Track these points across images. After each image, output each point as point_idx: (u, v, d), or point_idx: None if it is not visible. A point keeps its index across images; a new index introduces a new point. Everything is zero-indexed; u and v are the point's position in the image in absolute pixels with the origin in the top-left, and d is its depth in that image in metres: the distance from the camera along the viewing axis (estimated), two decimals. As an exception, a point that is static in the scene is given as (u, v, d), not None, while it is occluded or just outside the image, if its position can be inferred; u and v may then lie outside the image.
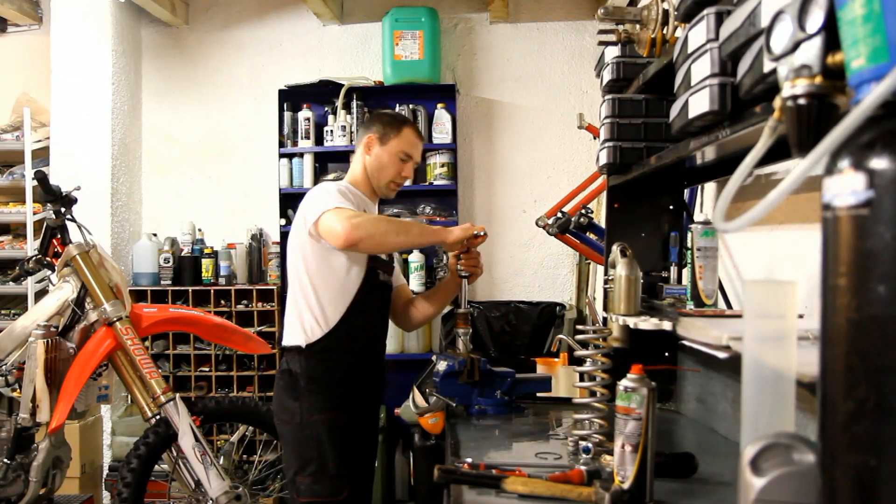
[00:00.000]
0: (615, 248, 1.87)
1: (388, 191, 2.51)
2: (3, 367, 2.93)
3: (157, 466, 2.97)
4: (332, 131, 4.52)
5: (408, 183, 4.64)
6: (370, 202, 2.50)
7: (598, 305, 3.50)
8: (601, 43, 2.20)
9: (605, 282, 1.98)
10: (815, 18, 0.86)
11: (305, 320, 2.32)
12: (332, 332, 2.30)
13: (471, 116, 4.71)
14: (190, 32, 4.87)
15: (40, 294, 4.16)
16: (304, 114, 4.53)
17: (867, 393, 0.70)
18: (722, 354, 1.31)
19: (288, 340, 2.36)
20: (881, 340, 0.69)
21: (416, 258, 4.48)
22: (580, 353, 1.93)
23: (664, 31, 1.73)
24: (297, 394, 2.32)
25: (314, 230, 2.24)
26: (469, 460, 1.72)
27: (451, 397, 2.33)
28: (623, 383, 1.45)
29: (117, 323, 2.89)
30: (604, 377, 1.86)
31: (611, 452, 1.71)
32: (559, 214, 3.44)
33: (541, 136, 4.69)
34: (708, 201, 2.32)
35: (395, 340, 4.34)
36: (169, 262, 4.49)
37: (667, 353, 2.31)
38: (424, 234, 2.43)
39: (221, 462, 2.95)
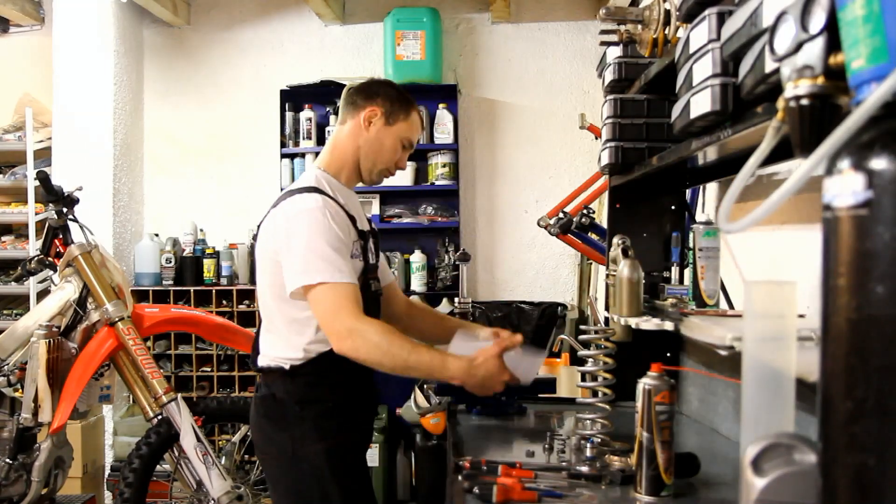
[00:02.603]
0: (616, 243, 1.87)
1: (378, 178, 2.10)
2: (6, 367, 2.93)
3: (158, 466, 2.97)
4: (333, 131, 4.52)
5: (409, 183, 4.65)
6: (349, 191, 2.08)
7: (600, 305, 3.50)
8: (603, 43, 2.20)
9: (607, 276, 1.98)
10: (818, 19, 0.86)
11: (288, 338, 1.94)
12: (319, 357, 1.92)
13: (472, 117, 4.71)
14: (192, 33, 4.87)
15: (42, 294, 4.17)
16: (306, 114, 4.53)
17: (867, 393, 0.70)
18: (724, 352, 1.32)
19: (266, 360, 1.98)
20: (881, 340, 0.69)
21: (417, 258, 4.49)
22: (583, 353, 1.93)
23: (666, 32, 1.73)
24: (284, 423, 1.94)
25: (300, 292, 1.85)
26: (469, 458, 1.72)
27: (448, 396, 2.33)
28: (644, 381, 1.47)
29: (119, 323, 2.89)
30: (606, 377, 1.86)
31: (615, 452, 1.71)
32: (561, 215, 3.44)
33: (542, 136, 4.69)
34: (710, 201, 2.32)
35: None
36: (171, 262, 4.50)
37: (668, 354, 2.31)
38: (429, 374, 1.98)
39: (223, 462, 2.95)
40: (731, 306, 1.97)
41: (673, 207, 2.36)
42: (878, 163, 0.69)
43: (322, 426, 1.94)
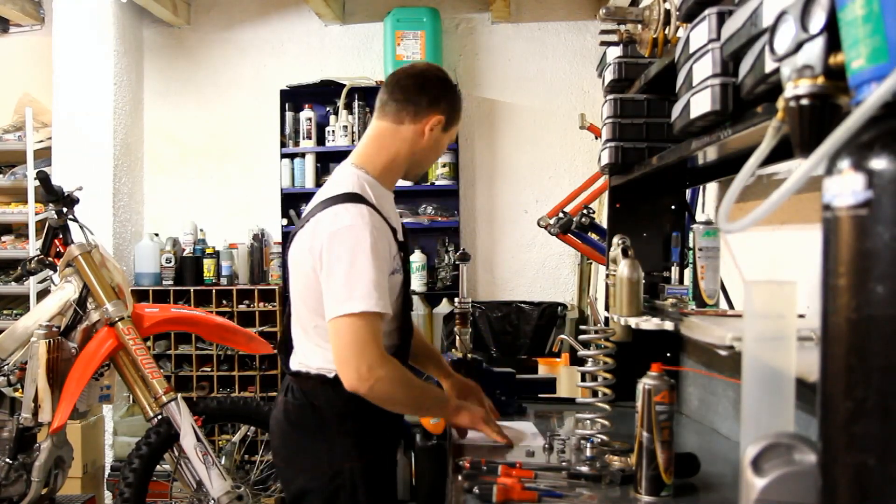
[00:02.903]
0: (616, 243, 1.87)
1: (417, 178, 2.04)
2: (6, 367, 2.93)
3: (158, 466, 2.97)
4: (333, 131, 4.52)
5: (409, 183, 4.66)
6: (389, 195, 1.94)
7: (600, 305, 3.50)
8: (603, 43, 2.20)
9: (607, 276, 1.98)
10: (818, 19, 0.86)
11: (326, 352, 1.78)
12: None
13: (472, 117, 4.71)
14: (192, 33, 4.87)
15: (42, 294, 4.17)
16: (306, 114, 4.53)
17: (867, 393, 0.70)
18: (724, 352, 1.32)
19: (304, 364, 1.85)
20: (881, 340, 0.69)
21: (417, 258, 4.48)
22: (583, 353, 1.93)
23: (666, 32, 1.73)
24: (323, 435, 1.82)
25: (320, 321, 1.77)
26: (469, 458, 1.72)
27: None
28: (644, 381, 1.47)
29: (119, 323, 2.89)
30: (606, 377, 1.86)
31: (615, 452, 1.71)
32: (561, 214, 3.44)
33: (542, 136, 4.69)
34: (710, 201, 2.32)
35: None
36: (171, 262, 4.50)
37: (668, 354, 2.31)
38: (438, 412, 1.97)
39: (223, 462, 2.95)
40: (731, 306, 1.97)
41: (673, 207, 2.36)
42: (878, 163, 0.69)
43: (363, 442, 1.83)
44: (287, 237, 2.97)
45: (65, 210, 3.02)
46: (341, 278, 1.71)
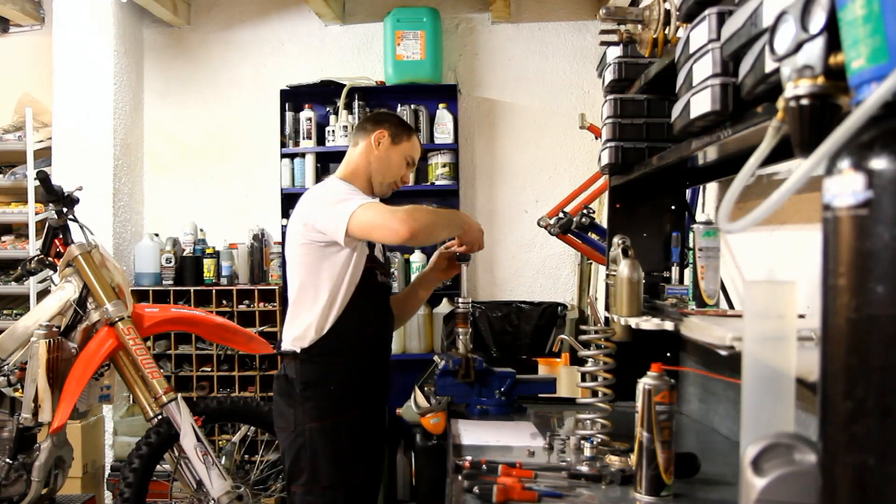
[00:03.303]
0: (617, 243, 1.88)
1: (387, 190, 2.47)
2: (6, 367, 2.93)
3: (158, 466, 2.97)
4: (333, 131, 4.52)
5: (409, 183, 4.67)
6: None
7: (600, 305, 3.50)
8: (603, 43, 2.20)
9: (607, 276, 1.98)
10: (818, 19, 0.86)
11: (302, 324, 2.26)
12: (328, 335, 2.24)
13: (472, 117, 4.71)
14: (192, 32, 4.87)
15: (42, 294, 4.17)
16: (306, 114, 4.53)
17: (867, 393, 0.70)
18: (724, 352, 1.32)
19: (285, 345, 2.31)
20: (881, 340, 0.69)
21: (417, 258, 4.48)
22: (583, 353, 1.93)
23: (666, 32, 1.73)
24: (292, 400, 2.26)
25: (346, 236, 2.15)
26: (469, 458, 1.72)
27: (449, 396, 2.34)
28: (644, 381, 1.47)
29: (119, 323, 2.89)
30: (607, 377, 1.86)
31: (615, 452, 1.71)
32: (561, 214, 3.44)
33: (542, 136, 4.69)
34: (710, 201, 2.32)
35: (396, 341, 4.33)
36: (171, 262, 4.50)
37: (668, 354, 2.31)
38: (456, 223, 2.35)
39: (223, 462, 2.95)
40: (731, 306, 1.97)
41: (673, 207, 2.36)
42: (878, 163, 0.69)
43: (321, 406, 2.24)
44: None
45: (65, 210, 3.02)
46: (332, 202, 2.20)
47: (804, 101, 0.89)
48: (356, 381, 2.29)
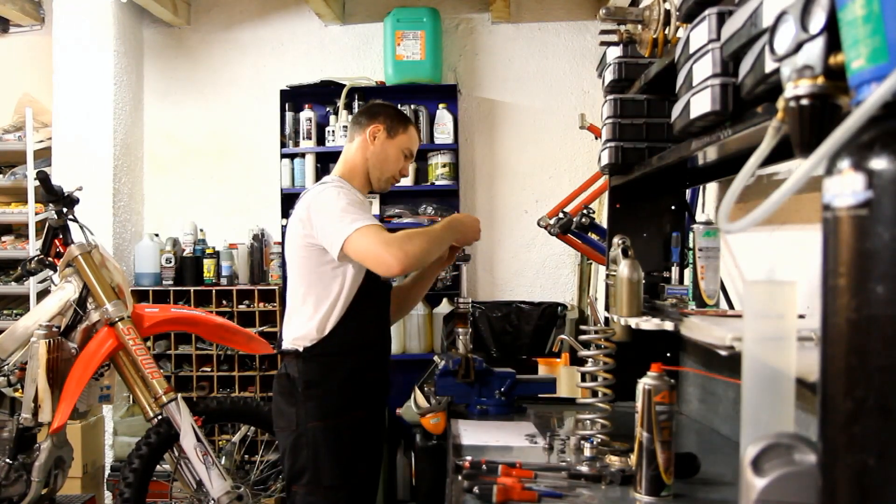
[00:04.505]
0: (616, 243, 1.88)
1: (386, 185, 2.42)
2: (6, 367, 2.93)
3: (158, 466, 2.97)
4: (333, 132, 4.52)
5: (409, 183, 4.66)
6: (362, 197, 2.36)
7: (600, 305, 3.50)
8: (603, 43, 2.20)
9: (607, 276, 1.98)
10: (818, 19, 0.86)
11: (303, 324, 2.23)
12: (331, 335, 2.22)
13: (472, 117, 4.71)
14: (192, 33, 4.87)
15: (42, 294, 4.17)
16: (306, 114, 4.53)
17: (867, 393, 0.70)
18: (724, 352, 1.32)
19: (286, 344, 2.28)
20: (881, 340, 0.69)
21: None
22: (583, 353, 1.93)
23: (666, 32, 1.73)
24: (294, 399, 2.23)
25: (340, 253, 2.12)
26: (469, 458, 1.72)
27: (449, 396, 2.34)
28: (644, 381, 1.47)
29: (119, 323, 2.89)
30: (607, 377, 1.86)
31: (615, 452, 1.71)
32: (561, 215, 3.44)
33: (542, 136, 4.69)
34: (710, 201, 2.32)
35: (396, 341, 4.33)
36: (171, 262, 4.50)
37: (668, 354, 2.31)
38: (448, 237, 2.31)
39: (223, 462, 2.95)
40: (731, 306, 1.97)
41: (673, 207, 2.36)
42: (878, 163, 0.69)
43: (323, 406, 2.21)
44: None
45: (65, 210, 3.02)
46: (331, 217, 2.14)
47: (804, 102, 0.89)
48: (358, 381, 2.28)
